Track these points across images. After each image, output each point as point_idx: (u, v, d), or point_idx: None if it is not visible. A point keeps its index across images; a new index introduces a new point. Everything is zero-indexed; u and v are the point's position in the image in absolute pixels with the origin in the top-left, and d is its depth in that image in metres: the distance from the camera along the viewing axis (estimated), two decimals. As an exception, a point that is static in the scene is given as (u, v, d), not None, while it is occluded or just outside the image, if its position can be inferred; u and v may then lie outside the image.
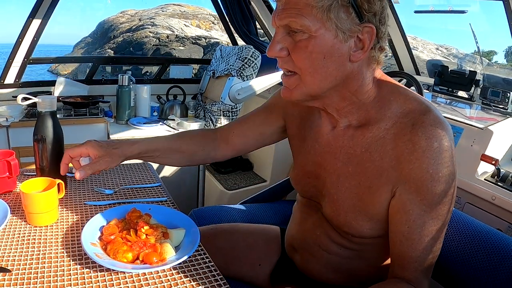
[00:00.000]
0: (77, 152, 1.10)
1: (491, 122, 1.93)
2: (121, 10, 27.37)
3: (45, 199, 1.03)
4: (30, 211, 1.04)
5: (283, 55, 0.89)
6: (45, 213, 1.04)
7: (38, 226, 1.04)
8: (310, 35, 0.84)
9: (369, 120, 0.94)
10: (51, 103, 1.14)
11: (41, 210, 1.03)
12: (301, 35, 0.85)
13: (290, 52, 0.88)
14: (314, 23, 0.82)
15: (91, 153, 1.10)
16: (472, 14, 10.92)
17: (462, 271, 1.12)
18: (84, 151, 1.10)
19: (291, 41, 0.87)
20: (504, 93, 2.23)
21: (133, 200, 1.23)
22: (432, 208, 0.87)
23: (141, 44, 21.30)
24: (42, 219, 1.04)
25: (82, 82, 3.03)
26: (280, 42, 0.88)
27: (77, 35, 37.17)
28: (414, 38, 21.62)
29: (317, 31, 0.83)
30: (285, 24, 0.86)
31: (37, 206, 1.02)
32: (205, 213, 1.53)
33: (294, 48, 0.87)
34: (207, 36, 21.66)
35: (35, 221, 1.04)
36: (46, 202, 1.03)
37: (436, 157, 0.84)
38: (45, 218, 1.04)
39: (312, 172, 1.08)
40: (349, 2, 0.82)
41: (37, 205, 1.02)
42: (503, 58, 26.47)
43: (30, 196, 1.02)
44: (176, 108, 3.00)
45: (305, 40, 0.85)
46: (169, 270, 0.90)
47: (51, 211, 1.05)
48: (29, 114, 2.54)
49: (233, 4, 3.20)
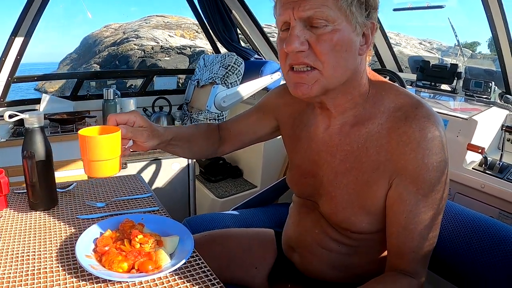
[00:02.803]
0: (124, 118, 1.02)
1: (475, 112, 1.96)
2: (105, 24, 27.31)
3: (111, 143, 0.93)
4: (92, 159, 0.93)
5: (304, 49, 0.87)
6: (109, 161, 0.94)
7: (101, 177, 0.93)
8: (333, 28, 0.84)
9: (364, 117, 0.96)
10: (38, 119, 1.13)
11: (105, 156, 0.93)
12: (323, 29, 0.85)
13: (313, 45, 0.86)
14: (339, 15, 0.84)
15: (137, 121, 1.03)
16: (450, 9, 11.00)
17: (458, 260, 1.13)
18: (132, 118, 1.03)
19: (311, 34, 0.86)
20: (486, 83, 2.27)
21: (125, 211, 1.22)
22: (428, 197, 0.88)
23: (127, 57, 21.27)
24: (106, 168, 0.95)
25: (67, 99, 3.02)
26: (301, 36, 0.86)
27: (62, 52, 36.95)
28: (397, 34, 21.87)
29: (340, 23, 0.84)
30: (307, 17, 0.85)
31: (102, 152, 0.93)
32: (198, 221, 1.53)
33: (318, 41, 0.86)
34: (192, 45, 21.69)
35: (97, 171, 0.95)
36: (112, 147, 0.93)
37: (430, 147, 0.86)
38: (108, 167, 0.95)
39: (309, 172, 1.09)
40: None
41: (101, 151, 0.92)
42: (486, 48, 26.82)
43: (94, 140, 0.92)
44: (163, 119, 3.00)
45: (328, 33, 0.85)
46: (165, 277, 0.89)
47: (115, 158, 0.96)
48: (15, 133, 2.53)
49: (214, 12, 3.20)
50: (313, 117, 1.07)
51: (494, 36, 2.25)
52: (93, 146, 0.92)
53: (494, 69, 2.62)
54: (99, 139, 0.92)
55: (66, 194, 1.33)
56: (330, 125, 1.01)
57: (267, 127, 1.25)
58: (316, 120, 1.06)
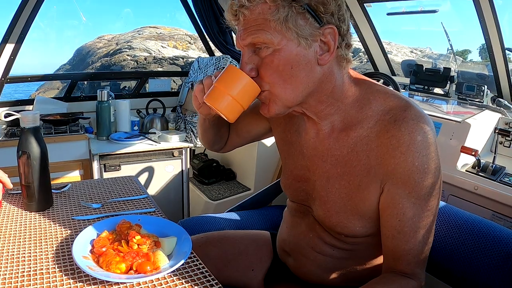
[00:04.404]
0: None
1: (468, 116, 1.98)
2: (98, 36, 27.27)
3: (252, 88, 0.89)
4: (230, 93, 0.89)
5: (253, 75, 0.89)
6: (239, 104, 0.90)
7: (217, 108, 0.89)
8: (274, 48, 0.85)
9: (352, 121, 0.95)
10: (34, 119, 1.13)
11: (239, 96, 0.89)
12: (265, 51, 0.87)
13: (259, 70, 0.89)
14: (275, 36, 0.84)
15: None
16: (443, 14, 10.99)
17: (451, 261, 1.14)
18: None
19: (258, 59, 0.88)
20: (478, 87, 2.29)
21: (121, 212, 1.22)
22: (421, 199, 0.89)
23: (120, 67, 21.24)
24: (231, 108, 0.91)
25: (61, 100, 3.00)
26: (249, 63, 0.89)
27: (56, 64, 36.78)
28: (388, 43, 22.00)
29: (279, 43, 0.84)
30: (249, 43, 0.88)
31: (239, 89, 0.89)
32: (192, 223, 1.53)
33: (261, 65, 0.88)
34: (185, 56, 21.70)
35: (226, 107, 0.90)
36: (251, 92, 0.90)
37: (420, 150, 0.86)
38: (234, 107, 0.91)
39: (301, 176, 1.09)
40: (304, 8, 0.83)
41: (239, 88, 0.89)
42: (477, 56, 27.01)
43: (242, 76, 0.88)
44: (157, 122, 2.99)
45: (270, 55, 0.86)
46: (163, 278, 0.89)
47: (243, 107, 0.92)
48: (9, 134, 2.51)
49: (209, 16, 3.22)
50: (303, 122, 1.07)
51: (486, 40, 2.27)
52: (235, 79, 0.89)
53: (487, 73, 2.65)
54: (242, 75, 0.89)
55: (61, 195, 1.32)
56: (319, 131, 1.01)
57: (260, 127, 1.25)
58: (306, 126, 1.06)
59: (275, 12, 0.82)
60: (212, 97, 0.92)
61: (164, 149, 2.73)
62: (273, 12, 0.83)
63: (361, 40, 3.10)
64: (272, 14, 0.83)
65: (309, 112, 0.97)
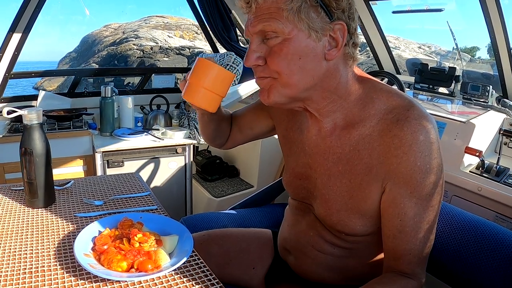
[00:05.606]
0: None
1: (473, 116, 1.97)
2: (105, 24, 27.29)
3: (224, 76, 0.95)
4: (203, 85, 0.95)
5: (260, 63, 0.89)
6: (215, 94, 0.96)
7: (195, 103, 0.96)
8: (284, 38, 0.85)
9: (354, 119, 0.95)
10: (37, 115, 1.13)
11: (212, 86, 0.95)
12: (275, 40, 0.86)
13: (266, 59, 0.89)
14: (287, 25, 0.84)
15: None
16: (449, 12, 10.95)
17: (453, 262, 1.14)
18: None
19: (267, 48, 0.88)
20: (484, 87, 2.28)
21: (123, 209, 1.22)
22: (422, 199, 0.88)
23: (126, 56, 21.24)
24: (207, 100, 0.97)
25: (65, 95, 3.01)
26: (256, 51, 0.89)
27: (62, 51, 36.86)
28: (396, 38, 21.93)
29: (290, 33, 0.84)
30: (259, 31, 0.87)
31: (210, 80, 0.94)
32: (195, 220, 1.53)
33: (269, 53, 0.88)
34: (191, 46, 21.70)
35: (201, 100, 0.96)
36: (223, 80, 0.96)
37: (423, 150, 0.86)
38: (210, 98, 0.97)
39: (302, 174, 1.09)
40: (317, 1, 0.83)
41: (210, 78, 0.94)
42: (486, 54, 26.85)
43: (210, 66, 0.94)
44: (160, 118, 2.99)
45: (279, 44, 0.86)
46: (164, 276, 0.89)
47: (220, 95, 0.98)
48: (12, 129, 2.52)
49: (214, 12, 3.21)
50: (305, 120, 1.07)
51: (492, 41, 2.26)
52: (208, 71, 0.94)
53: (492, 73, 2.64)
54: (216, 68, 0.95)
55: (63, 192, 1.32)
56: (321, 128, 1.01)
57: (263, 125, 1.25)
58: (308, 124, 1.06)
59: (289, 1, 0.83)
60: (188, 93, 0.96)
61: (167, 145, 2.73)
62: (287, 1, 0.83)
63: (366, 38, 3.08)
64: (286, 3, 0.83)
65: (311, 108, 0.97)
